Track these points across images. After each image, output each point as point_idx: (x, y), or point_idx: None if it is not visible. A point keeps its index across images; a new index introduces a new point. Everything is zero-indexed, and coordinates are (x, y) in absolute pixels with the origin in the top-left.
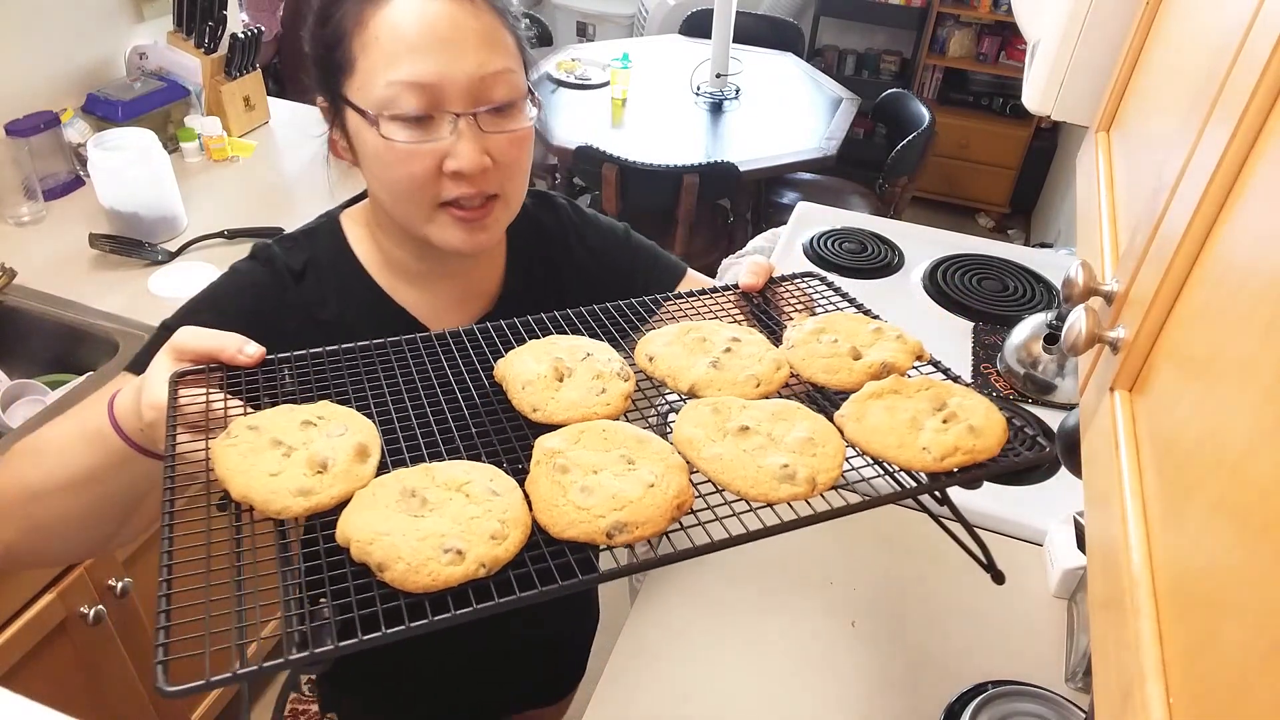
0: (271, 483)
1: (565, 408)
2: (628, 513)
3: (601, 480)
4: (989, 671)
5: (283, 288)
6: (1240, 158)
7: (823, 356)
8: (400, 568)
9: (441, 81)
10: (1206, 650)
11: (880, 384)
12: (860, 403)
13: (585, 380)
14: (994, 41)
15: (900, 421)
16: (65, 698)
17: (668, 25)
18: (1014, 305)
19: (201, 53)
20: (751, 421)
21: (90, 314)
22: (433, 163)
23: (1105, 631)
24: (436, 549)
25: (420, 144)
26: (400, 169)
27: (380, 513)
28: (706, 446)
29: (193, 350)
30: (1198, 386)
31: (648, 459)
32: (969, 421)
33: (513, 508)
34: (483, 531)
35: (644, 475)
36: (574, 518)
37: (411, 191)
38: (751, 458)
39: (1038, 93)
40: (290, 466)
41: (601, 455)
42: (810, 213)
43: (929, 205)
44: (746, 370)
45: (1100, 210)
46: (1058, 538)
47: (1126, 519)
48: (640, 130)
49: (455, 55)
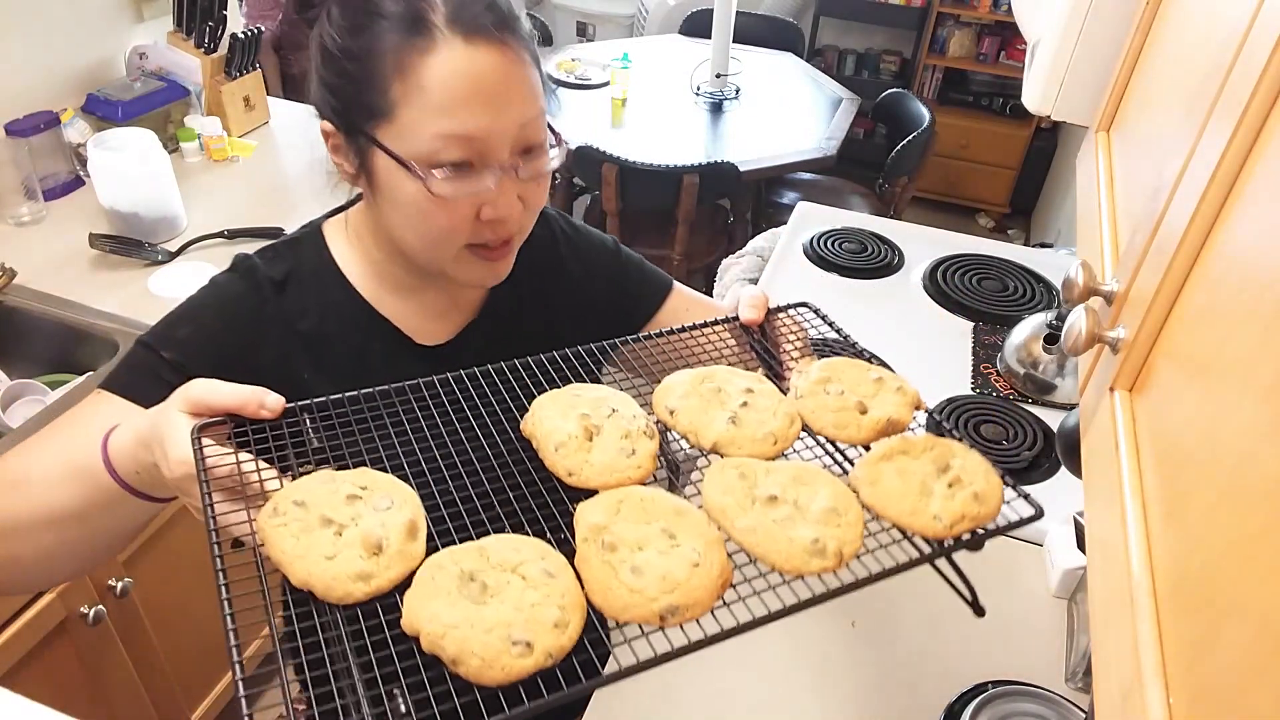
0: (331, 568)
1: (599, 472)
2: (679, 595)
3: (649, 559)
4: (989, 671)
5: (261, 299)
6: (1240, 158)
7: (831, 410)
8: (475, 663)
9: (488, 135)
10: (1206, 650)
11: (889, 444)
12: (873, 466)
13: (615, 440)
14: (994, 41)
15: (911, 487)
16: (65, 698)
17: (668, 25)
18: (1014, 305)
19: (201, 53)
20: (778, 489)
21: (90, 314)
22: (472, 210)
23: (1105, 631)
24: (505, 641)
25: (462, 195)
26: (439, 219)
27: (444, 600)
28: (739, 518)
29: (210, 406)
30: (1198, 386)
31: (688, 534)
32: (973, 488)
33: (570, 592)
34: (546, 620)
35: (687, 553)
36: (628, 600)
37: (446, 238)
38: (782, 529)
39: (1038, 93)
40: (344, 548)
41: (643, 528)
42: (810, 213)
43: (929, 205)
44: (764, 427)
45: (1100, 210)
46: (1058, 538)
47: (1126, 519)
48: (640, 130)
49: (503, 108)
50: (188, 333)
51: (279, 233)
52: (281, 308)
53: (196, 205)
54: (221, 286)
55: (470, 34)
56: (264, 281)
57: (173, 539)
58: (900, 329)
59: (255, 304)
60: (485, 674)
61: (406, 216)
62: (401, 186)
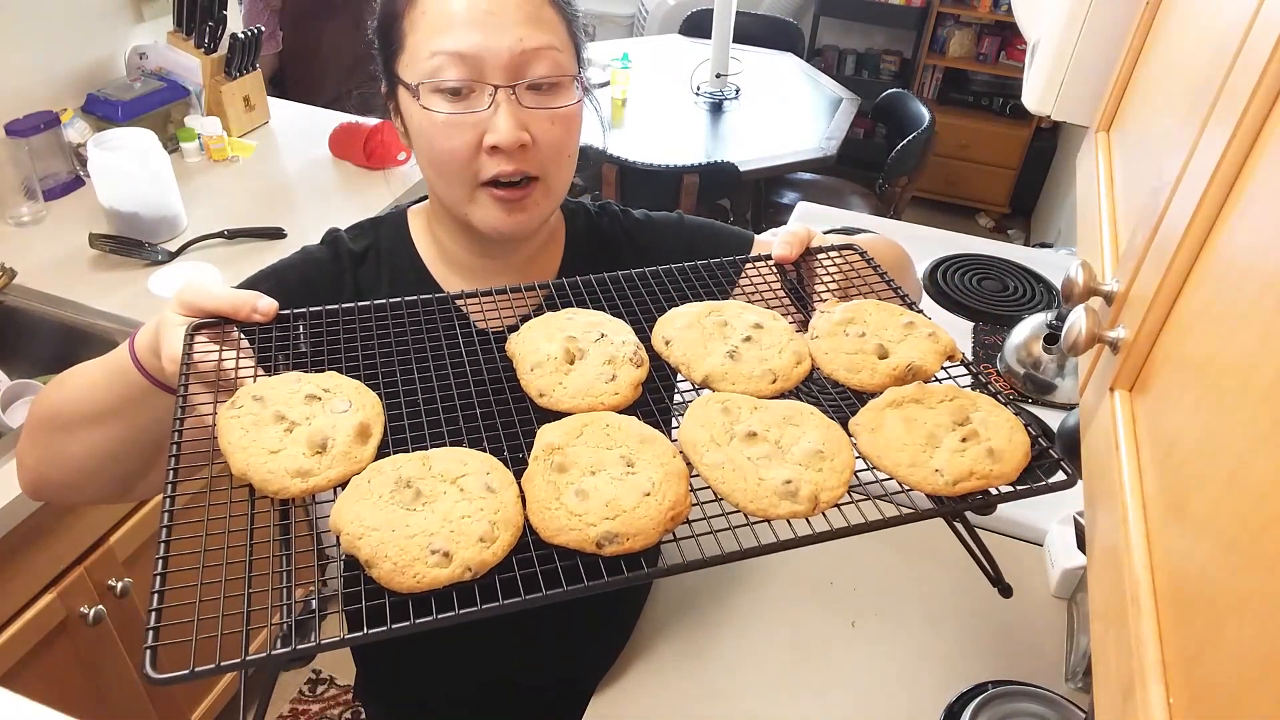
0: (270, 461)
1: (572, 395)
2: (620, 523)
3: (598, 484)
4: (989, 671)
5: (340, 269)
6: (1240, 158)
7: (847, 352)
8: (386, 567)
9: (481, 53)
10: (1206, 650)
11: (902, 391)
12: (877, 411)
13: (596, 365)
14: (994, 41)
15: (916, 437)
16: (65, 698)
17: (668, 25)
18: (1014, 305)
19: (201, 53)
20: (760, 426)
21: (90, 314)
22: (473, 136)
23: (1105, 631)
24: (424, 549)
25: (459, 115)
26: (441, 142)
27: (373, 504)
28: (710, 451)
29: (201, 308)
30: (1198, 387)
31: (648, 462)
32: (989, 443)
33: (505, 507)
34: (472, 533)
35: (641, 482)
36: (565, 524)
37: (453, 166)
38: (755, 468)
39: (1038, 93)
40: (290, 444)
41: (602, 453)
42: (810, 213)
43: (929, 205)
44: (765, 363)
45: (1100, 210)
46: (1058, 538)
47: (1126, 519)
48: (640, 130)
49: (497, 28)
50: (269, 287)
51: (279, 233)
52: (357, 279)
53: (196, 205)
54: (309, 253)
55: None
56: (345, 254)
57: (172, 539)
58: None
59: (335, 272)
60: (395, 579)
61: (420, 150)
62: (412, 115)
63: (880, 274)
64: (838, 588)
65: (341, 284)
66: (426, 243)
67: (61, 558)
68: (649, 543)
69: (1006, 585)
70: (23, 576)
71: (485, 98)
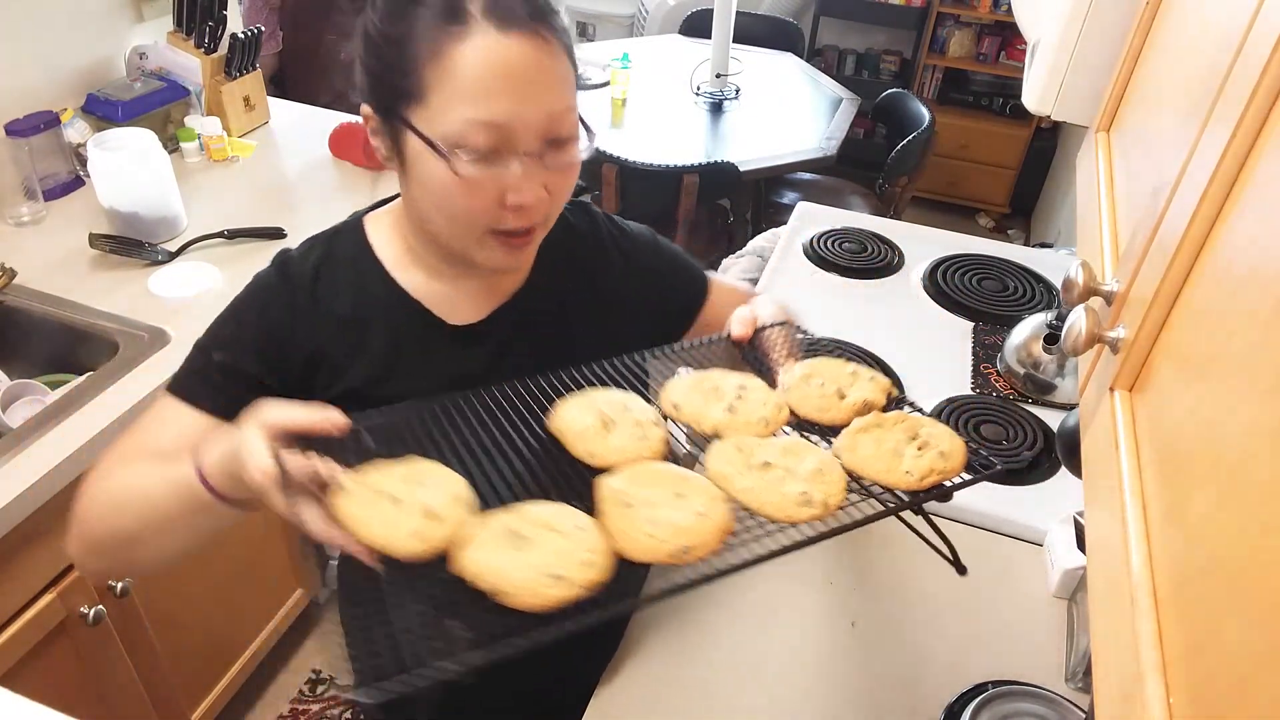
0: (393, 530)
1: (615, 452)
2: (689, 537)
3: (662, 513)
4: (989, 671)
5: (292, 290)
6: (1240, 158)
7: (815, 398)
8: (513, 591)
9: (514, 123)
10: (1206, 650)
11: (864, 420)
12: (851, 436)
13: (628, 429)
14: (994, 41)
15: (885, 450)
16: (65, 698)
17: (668, 25)
18: (1014, 305)
19: (201, 53)
20: (770, 457)
21: (90, 314)
22: (495, 195)
23: (1105, 632)
24: (541, 574)
25: (485, 177)
26: (463, 200)
27: (489, 549)
28: (738, 479)
29: (285, 429)
30: (1198, 386)
31: (695, 494)
32: (939, 448)
33: (596, 541)
34: (576, 560)
35: (695, 506)
36: (648, 544)
37: (469, 220)
38: (775, 486)
39: (1038, 93)
40: (403, 515)
41: (655, 490)
42: (810, 213)
43: (929, 205)
44: (757, 414)
45: (1100, 210)
46: (1058, 538)
47: (1126, 519)
48: (640, 130)
49: (531, 97)
50: (231, 331)
51: (279, 233)
52: (315, 295)
53: (196, 205)
54: (258, 282)
55: (505, 23)
56: (296, 273)
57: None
58: (900, 329)
59: (287, 295)
60: (522, 599)
61: (434, 197)
62: (430, 168)
63: (813, 339)
64: (838, 588)
65: (295, 305)
66: (388, 247)
67: (61, 558)
68: (714, 550)
69: (962, 565)
70: (23, 576)
71: (514, 163)
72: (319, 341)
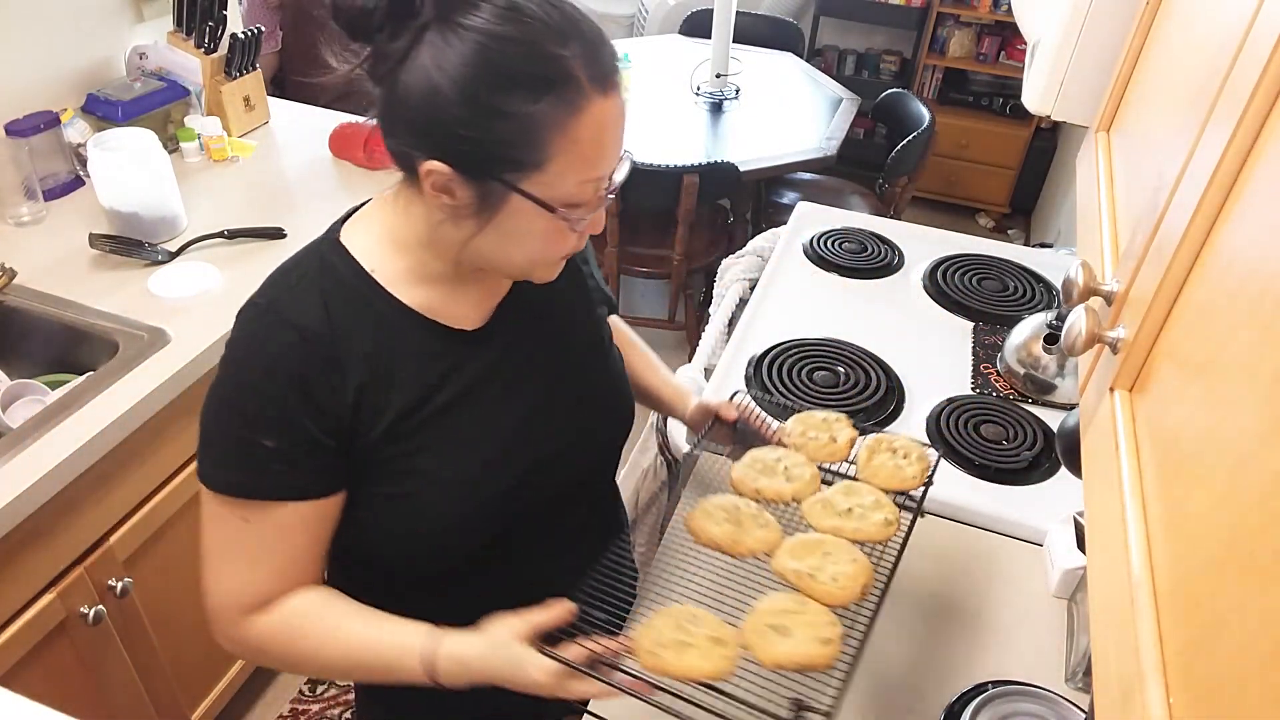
0: (683, 655)
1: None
2: (864, 576)
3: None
4: (989, 671)
5: (318, 347)
6: (1240, 158)
7: (821, 446)
8: (812, 661)
9: (611, 171)
10: (1206, 650)
11: (868, 448)
12: (866, 460)
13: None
14: (994, 41)
15: (889, 467)
16: (65, 698)
17: (668, 25)
18: (1014, 305)
19: (201, 53)
20: (848, 503)
21: (90, 314)
22: (581, 234)
23: (1105, 631)
24: (814, 640)
25: (587, 223)
26: (559, 244)
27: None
28: (843, 523)
29: (539, 630)
30: (1198, 386)
31: (838, 551)
32: (915, 453)
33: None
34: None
35: (844, 560)
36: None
37: (554, 256)
38: (866, 520)
39: (1038, 93)
40: (693, 643)
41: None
42: (810, 213)
43: (929, 205)
44: (808, 474)
45: (1100, 210)
46: (1058, 538)
47: (1126, 519)
48: (640, 130)
49: (620, 144)
50: (273, 413)
51: (279, 233)
52: (335, 338)
53: (196, 205)
54: (271, 357)
55: (606, 87)
56: (308, 324)
57: (173, 539)
58: (900, 329)
59: (320, 353)
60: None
61: (524, 244)
62: (530, 223)
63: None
64: None
65: (330, 359)
66: (383, 267)
67: (61, 558)
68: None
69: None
70: (23, 576)
71: (600, 207)
72: (357, 383)
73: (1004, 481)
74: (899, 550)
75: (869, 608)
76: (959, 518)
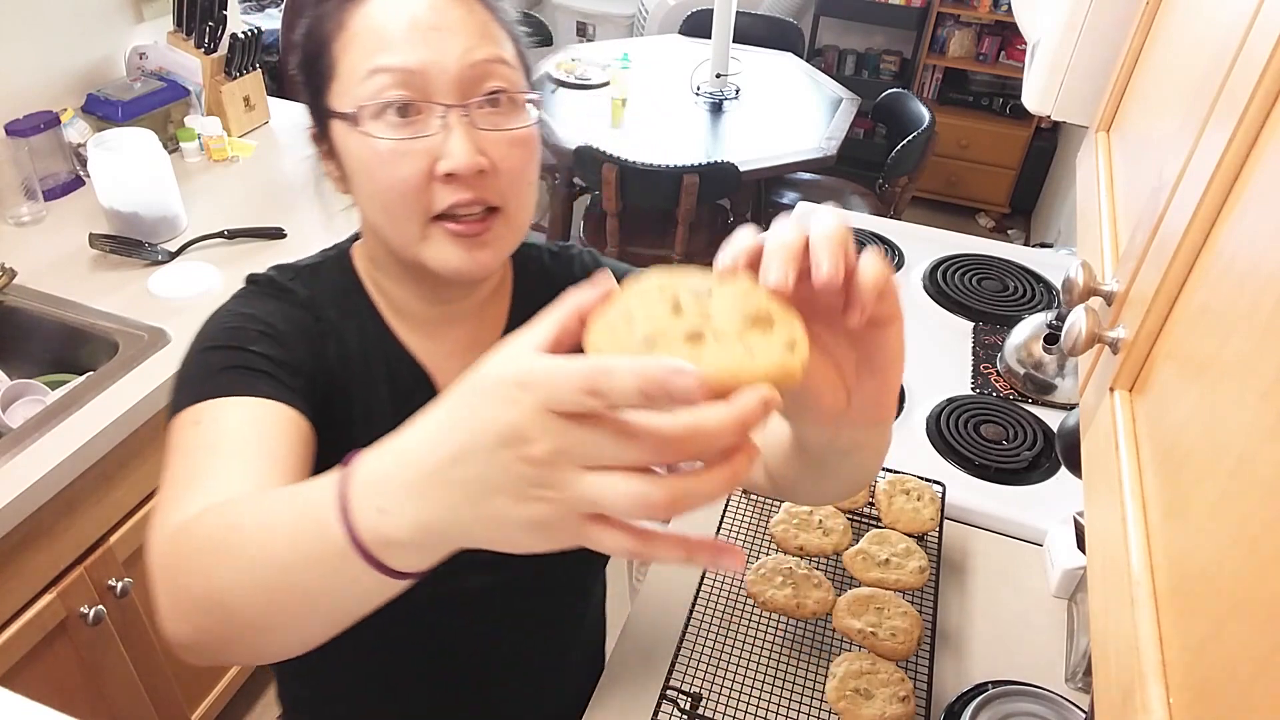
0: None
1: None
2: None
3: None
4: (989, 671)
5: (306, 312)
6: (1240, 158)
7: None
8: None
9: (427, 68)
10: (1206, 650)
11: (885, 492)
12: (887, 506)
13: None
14: (994, 41)
15: (907, 510)
16: (65, 698)
17: (668, 25)
18: (1014, 305)
19: (201, 53)
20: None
21: (90, 314)
22: (423, 164)
23: (1105, 631)
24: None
25: (406, 141)
26: (387, 173)
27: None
28: None
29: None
30: (1198, 386)
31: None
32: (927, 496)
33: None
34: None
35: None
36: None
37: (402, 200)
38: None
39: (1038, 93)
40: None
41: None
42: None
43: (929, 205)
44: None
45: (1100, 210)
46: (1058, 538)
47: (1126, 519)
48: (640, 130)
49: (441, 41)
50: (242, 334)
51: (279, 233)
52: (324, 324)
53: (196, 205)
54: (243, 304)
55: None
56: (303, 300)
57: None
58: None
59: (299, 310)
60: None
61: (362, 187)
62: (352, 150)
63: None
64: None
65: (320, 332)
66: (373, 290)
67: (61, 558)
68: None
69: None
70: (23, 576)
71: (434, 120)
72: (330, 363)
73: (1004, 481)
74: (934, 608)
75: (924, 657)
76: (959, 518)
